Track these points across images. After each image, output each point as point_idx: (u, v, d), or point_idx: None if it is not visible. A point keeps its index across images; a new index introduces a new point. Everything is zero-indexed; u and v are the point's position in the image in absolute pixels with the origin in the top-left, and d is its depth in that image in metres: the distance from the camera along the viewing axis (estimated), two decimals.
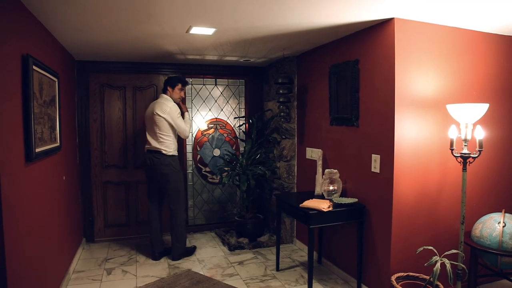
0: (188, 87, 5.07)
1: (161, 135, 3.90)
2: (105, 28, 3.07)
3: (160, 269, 3.88)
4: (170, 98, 3.99)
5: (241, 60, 4.71)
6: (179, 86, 4.01)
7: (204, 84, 5.18)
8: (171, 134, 3.94)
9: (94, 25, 2.97)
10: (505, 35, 3.34)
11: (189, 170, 5.13)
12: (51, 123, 3.07)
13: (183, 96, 4.11)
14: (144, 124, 4.17)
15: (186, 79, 4.18)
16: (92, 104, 4.63)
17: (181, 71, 4.91)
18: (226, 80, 5.27)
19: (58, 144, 3.30)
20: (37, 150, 2.61)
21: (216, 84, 5.23)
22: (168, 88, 4.00)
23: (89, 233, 4.71)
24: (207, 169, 5.21)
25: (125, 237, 4.84)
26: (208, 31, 3.18)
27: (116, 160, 4.76)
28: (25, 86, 2.41)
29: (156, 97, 4.83)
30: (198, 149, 5.17)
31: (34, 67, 2.55)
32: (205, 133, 5.19)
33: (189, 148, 5.12)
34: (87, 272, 3.79)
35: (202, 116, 5.18)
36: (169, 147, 3.92)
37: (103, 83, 4.66)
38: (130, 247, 4.56)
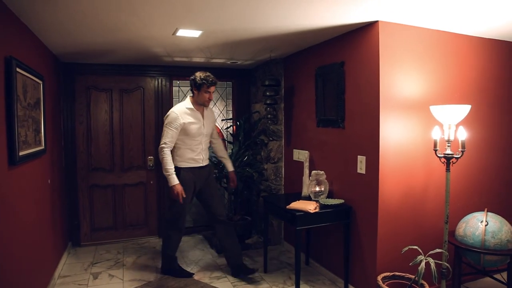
0: (175, 89, 5.06)
1: None
2: (89, 30, 3.04)
3: (147, 272, 3.85)
4: (187, 103, 3.51)
5: (228, 62, 4.72)
6: (205, 87, 3.45)
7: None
8: (177, 144, 3.50)
9: (78, 27, 2.95)
10: (487, 38, 3.41)
11: None
12: (35, 126, 3.03)
13: (211, 98, 3.53)
14: (131, 127, 4.09)
15: (212, 79, 3.48)
16: (78, 106, 4.59)
17: (168, 74, 4.90)
18: None
19: (43, 147, 3.27)
20: (21, 153, 2.57)
21: None
22: (194, 90, 3.50)
23: (75, 237, 4.66)
24: None
25: (112, 240, 4.79)
26: (195, 33, 3.18)
27: (103, 163, 4.72)
28: (8, 89, 2.38)
29: (143, 100, 4.82)
30: None
31: (18, 69, 2.52)
32: None
33: None
34: (73, 277, 3.74)
35: None
36: (177, 158, 3.51)
37: (89, 85, 4.62)
38: (117, 250, 4.52)
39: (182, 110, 3.47)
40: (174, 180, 3.41)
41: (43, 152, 3.27)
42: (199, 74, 3.46)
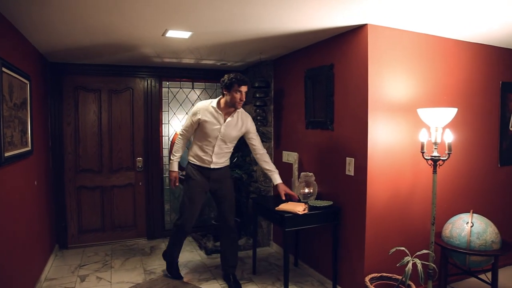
0: (165, 90, 5.04)
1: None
2: (78, 30, 3.02)
3: (135, 274, 3.83)
4: (214, 100, 3.39)
5: (218, 64, 4.72)
6: (236, 86, 3.22)
7: (181, 88, 5.15)
8: (194, 138, 3.55)
9: (66, 27, 2.92)
10: (473, 43, 3.46)
11: (166, 174, 5.09)
12: (22, 126, 2.99)
13: (243, 99, 3.28)
14: (119, 128, 4.05)
15: (243, 78, 3.25)
16: (66, 107, 4.54)
17: (158, 75, 4.88)
18: (203, 83, 5.26)
19: (29, 148, 3.23)
20: (7, 154, 2.54)
21: (193, 88, 5.21)
22: (224, 91, 3.30)
23: (62, 239, 4.60)
24: (184, 173, 5.16)
25: (100, 242, 4.75)
26: (184, 34, 3.18)
27: (91, 164, 4.68)
28: None
29: (132, 101, 4.80)
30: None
31: (4, 69, 2.49)
32: None
33: (165, 152, 5.08)
34: (60, 280, 3.70)
35: (179, 119, 5.15)
36: (189, 152, 3.57)
37: (77, 86, 4.58)
38: (105, 252, 4.48)
39: (205, 107, 3.38)
40: (172, 167, 3.59)
41: (29, 153, 3.23)
42: (227, 75, 3.27)
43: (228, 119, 3.36)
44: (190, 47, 3.72)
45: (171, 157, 3.61)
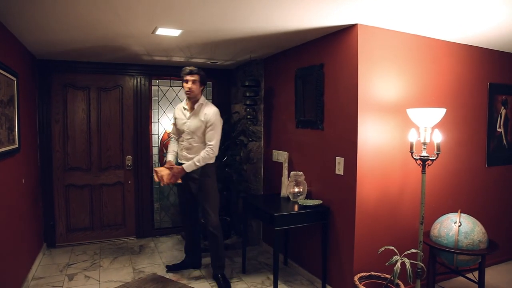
0: (154, 88, 5.01)
1: None
2: (67, 27, 2.97)
3: (124, 273, 3.80)
4: (185, 100, 3.63)
5: (209, 62, 4.70)
6: (182, 78, 3.50)
7: (171, 86, 5.12)
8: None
9: (55, 24, 2.88)
10: (462, 44, 3.50)
11: None
12: (9, 124, 2.95)
13: (185, 87, 3.46)
14: (109, 127, 4.04)
15: (185, 68, 3.51)
16: (55, 104, 4.48)
17: (148, 73, 4.85)
18: None
19: (16, 146, 3.18)
20: None
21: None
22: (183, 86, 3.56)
23: (51, 238, 4.55)
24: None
25: (89, 241, 4.71)
26: (175, 32, 3.16)
27: (80, 162, 4.63)
28: None
29: (121, 99, 4.76)
30: (165, 151, 5.10)
31: None
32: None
33: (155, 151, 5.05)
34: (47, 279, 3.66)
35: (169, 118, 5.12)
36: None
37: (66, 83, 4.52)
38: (94, 251, 4.44)
39: (180, 106, 3.69)
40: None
41: (16, 150, 3.18)
42: None
43: (193, 113, 3.53)
44: (180, 45, 3.70)
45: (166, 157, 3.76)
